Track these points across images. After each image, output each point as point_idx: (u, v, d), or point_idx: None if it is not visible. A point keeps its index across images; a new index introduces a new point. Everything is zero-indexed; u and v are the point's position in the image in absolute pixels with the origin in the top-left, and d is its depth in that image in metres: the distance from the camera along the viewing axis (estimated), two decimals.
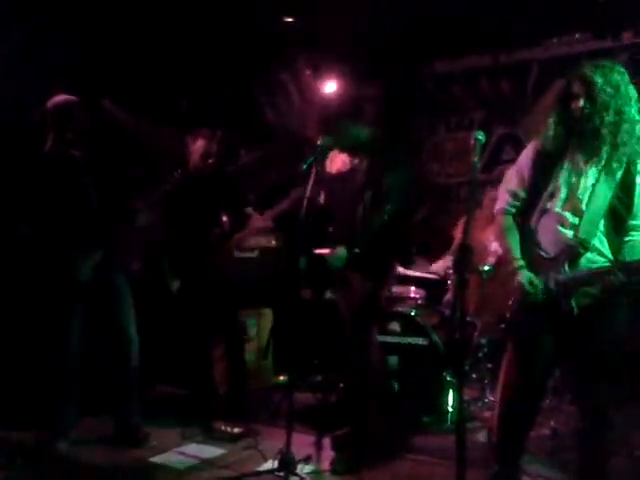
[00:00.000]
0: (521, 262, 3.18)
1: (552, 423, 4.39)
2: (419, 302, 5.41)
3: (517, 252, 3.21)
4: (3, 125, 4.96)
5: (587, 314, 3.04)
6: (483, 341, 4.99)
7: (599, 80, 2.98)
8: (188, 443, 4.47)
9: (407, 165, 4.47)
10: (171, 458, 4.22)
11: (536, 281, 3.11)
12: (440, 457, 4.11)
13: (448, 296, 5.61)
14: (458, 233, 5.64)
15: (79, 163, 4.31)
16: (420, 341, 4.89)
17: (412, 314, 5.04)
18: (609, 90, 2.97)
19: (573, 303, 3.03)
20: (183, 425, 4.68)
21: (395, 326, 4.98)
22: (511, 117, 6.78)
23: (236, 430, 4.56)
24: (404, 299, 5.41)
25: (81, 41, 5.47)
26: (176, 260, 4.80)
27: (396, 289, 5.44)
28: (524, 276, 3.13)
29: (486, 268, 4.88)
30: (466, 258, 2.89)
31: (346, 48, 6.19)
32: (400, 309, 5.21)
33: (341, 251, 4.14)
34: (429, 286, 5.69)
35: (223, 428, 4.58)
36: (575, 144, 3.11)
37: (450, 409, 4.77)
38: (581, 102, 3.01)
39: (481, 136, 3.05)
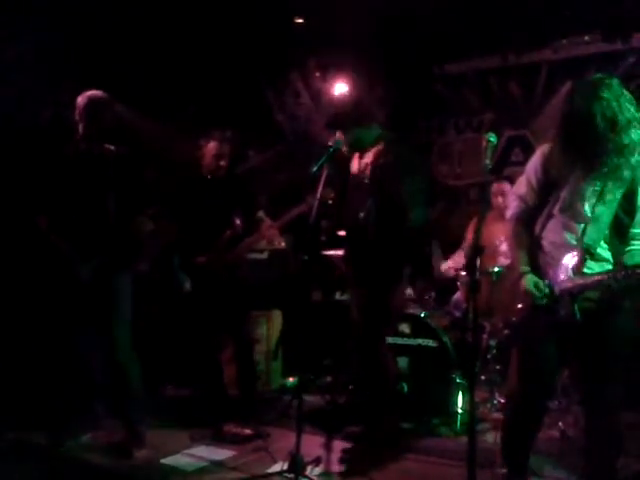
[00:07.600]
0: (526, 268, 3.19)
1: (560, 424, 4.38)
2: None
3: (524, 259, 3.23)
4: (17, 124, 5.01)
5: (589, 318, 3.05)
6: (492, 343, 4.98)
7: (603, 108, 2.92)
8: (197, 445, 4.47)
9: (423, 168, 4.41)
10: (180, 460, 4.22)
11: (541, 284, 3.13)
12: (449, 458, 4.13)
13: (456, 296, 5.61)
14: (469, 234, 5.64)
15: (109, 160, 4.25)
16: (430, 343, 4.89)
17: (422, 316, 5.04)
18: (615, 114, 2.93)
19: (576, 308, 3.04)
20: (192, 427, 4.69)
21: (405, 328, 4.97)
22: (520, 119, 6.77)
23: (246, 432, 4.56)
24: (414, 301, 5.42)
25: (90, 45, 5.50)
26: (187, 261, 4.80)
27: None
28: (529, 280, 3.15)
29: (496, 269, 4.88)
30: (478, 259, 2.90)
31: (356, 50, 6.19)
32: (410, 311, 5.20)
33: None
34: (439, 287, 5.69)
35: (233, 430, 4.58)
36: (580, 156, 3.09)
37: (459, 411, 4.77)
38: (588, 129, 2.97)
39: (493, 138, 3.06)
